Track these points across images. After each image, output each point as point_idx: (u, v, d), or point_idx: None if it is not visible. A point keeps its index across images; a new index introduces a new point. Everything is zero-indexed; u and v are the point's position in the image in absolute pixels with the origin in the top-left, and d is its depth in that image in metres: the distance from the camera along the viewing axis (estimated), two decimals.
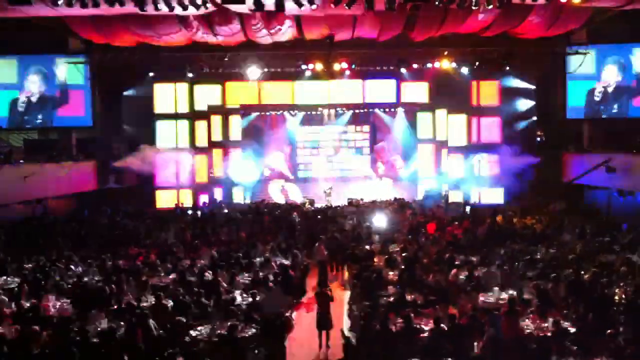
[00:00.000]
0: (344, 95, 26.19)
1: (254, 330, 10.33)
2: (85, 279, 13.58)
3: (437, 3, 16.53)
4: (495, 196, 25.55)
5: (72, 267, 14.66)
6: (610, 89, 23.84)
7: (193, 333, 10.25)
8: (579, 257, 14.57)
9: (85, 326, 10.06)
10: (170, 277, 13.66)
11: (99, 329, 10.09)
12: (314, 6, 17.09)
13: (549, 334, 9.81)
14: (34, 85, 24.35)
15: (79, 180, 23.67)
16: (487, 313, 10.48)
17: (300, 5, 16.87)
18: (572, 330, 9.93)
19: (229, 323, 10.03)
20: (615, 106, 23.87)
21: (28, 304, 11.53)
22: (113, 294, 12.15)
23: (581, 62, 23.66)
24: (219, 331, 10.18)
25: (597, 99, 24.05)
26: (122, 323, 10.30)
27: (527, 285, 12.26)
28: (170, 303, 11.52)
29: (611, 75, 23.81)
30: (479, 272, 13.37)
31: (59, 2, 16.41)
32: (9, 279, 13.85)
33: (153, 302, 11.59)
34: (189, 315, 10.90)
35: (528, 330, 10.09)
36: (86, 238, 18.80)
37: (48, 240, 18.06)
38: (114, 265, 14.78)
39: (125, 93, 25.47)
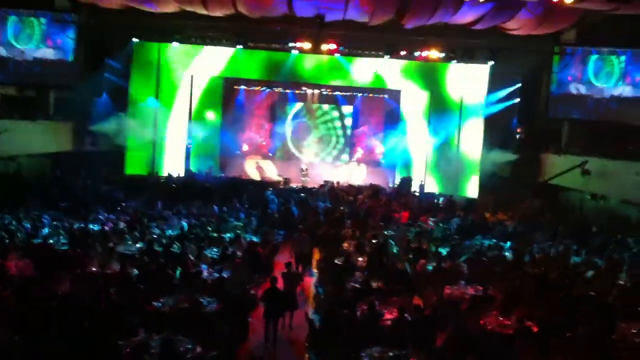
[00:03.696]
0: (330, 75, 25.91)
1: (218, 306, 10.27)
2: (51, 241, 13.42)
3: None
4: (471, 189, 25.61)
5: (39, 228, 14.47)
6: (594, 92, 23.87)
7: (156, 304, 10.16)
8: (548, 257, 14.73)
9: (48, 288, 9.94)
10: (138, 246, 13.56)
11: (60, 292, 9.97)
12: None
13: (511, 332, 9.88)
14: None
15: (54, 140, 23.31)
16: (452, 306, 10.52)
17: None
18: (535, 329, 10.00)
19: (193, 296, 9.98)
20: (598, 109, 23.92)
21: None
22: (78, 259, 12.02)
23: (567, 63, 23.69)
24: (182, 304, 10.10)
25: (580, 100, 24.08)
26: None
27: (493, 281, 12.33)
28: (135, 272, 11.42)
29: (596, 78, 23.84)
30: (446, 264, 13.43)
31: None
32: None
33: (117, 270, 11.48)
34: (154, 285, 10.80)
35: (490, 327, 10.13)
36: (57, 199, 18.55)
37: (18, 199, 17.79)
38: (81, 229, 14.61)
39: (108, 60, 24.98)
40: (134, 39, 24.71)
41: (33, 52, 23.39)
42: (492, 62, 24.82)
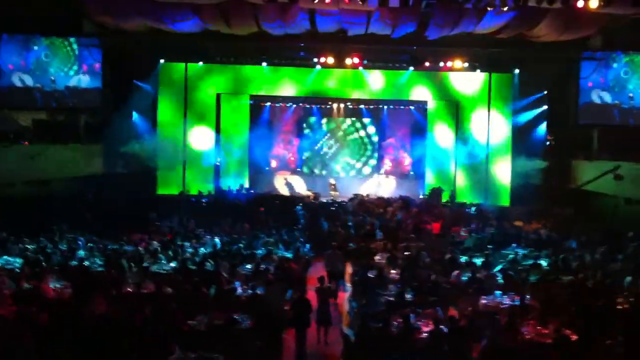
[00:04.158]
0: (355, 89, 26.01)
1: (252, 323, 10.30)
2: (87, 262, 13.59)
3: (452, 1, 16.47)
4: (502, 198, 25.40)
5: (75, 250, 14.67)
6: (623, 97, 23.56)
7: (191, 322, 10.22)
8: (584, 265, 14.52)
9: (84, 310, 10.05)
10: (172, 265, 13.67)
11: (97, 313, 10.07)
12: (327, 0, 17.00)
13: (549, 341, 9.74)
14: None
15: (85, 163, 23.64)
16: (488, 317, 10.41)
17: None
18: (573, 338, 9.84)
19: (227, 314, 10.02)
20: (626, 114, 23.59)
21: (28, 285, 11.52)
22: (114, 280, 12.15)
23: (595, 68, 23.44)
24: (217, 322, 10.15)
25: (609, 105, 23.78)
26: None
27: (529, 290, 12.19)
28: (170, 291, 11.51)
29: (625, 83, 23.53)
30: (481, 274, 13.30)
31: None
32: (10, 259, 13.85)
33: (153, 290, 11.58)
34: (188, 304, 10.87)
35: (528, 337, 10.00)
36: (90, 222, 18.79)
37: (52, 222, 18.05)
38: (116, 250, 14.78)
39: (135, 81, 25.36)
40: (161, 60, 25.06)
41: (62, 79, 23.82)
42: (517, 70, 24.71)
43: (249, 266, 13.73)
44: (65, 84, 23.85)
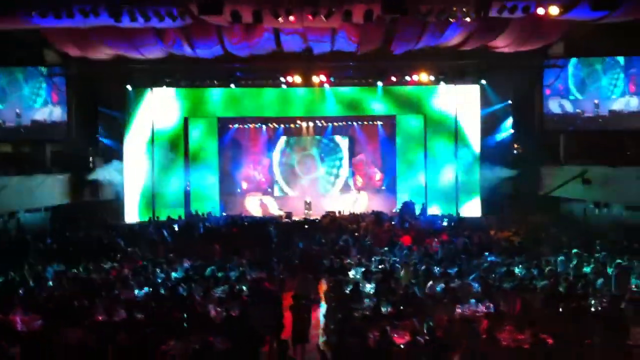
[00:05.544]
0: (322, 106, 26.12)
1: (228, 344, 10.14)
2: (56, 293, 13.30)
3: (415, 15, 16.67)
4: (474, 208, 25.57)
5: (44, 280, 14.37)
6: (586, 103, 23.95)
7: (165, 348, 10.03)
8: (556, 270, 14.64)
9: (57, 341, 9.83)
10: (144, 291, 13.44)
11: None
12: (291, 17, 17.09)
13: (526, 347, 9.75)
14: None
15: (53, 193, 23.31)
16: (464, 325, 10.39)
17: (277, 16, 16.85)
18: (550, 342, 9.86)
19: (202, 338, 9.86)
20: (591, 120, 23.96)
21: None
22: (85, 309, 11.90)
23: (558, 76, 23.83)
24: (193, 345, 9.98)
25: (572, 111, 24.14)
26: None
27: (504, 297, 12.22)
28: (142, 317, 11.30)
29: (586, 89, 23.92)
30: (455, 283, 13.31)
31: (33, 14, 16.25)
32: None
33: (125, 317, 11.36)
34: (162, 329, 10.67)
35: (505, 343, 10.00)
36: (59, 252, 18.45)
37: (20, 254, 17.69)
38: (85, 279, 14.51)
39: (101, 109, 25.14)
40: (127, 86, 24.88)
41: (26, 110, 23.55)
42: (483, 81, 25.04)
43: (222, 288, 13.55)
44: (29, 116, 23.59)
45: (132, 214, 25.47)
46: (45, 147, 24.89)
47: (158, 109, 25.72)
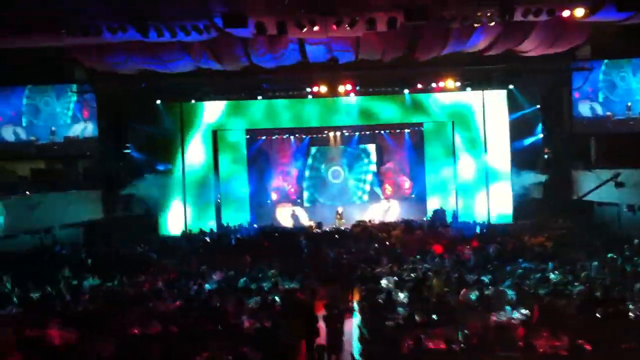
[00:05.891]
0: (349, 116, 26.17)
1: (260, 355, 10.16)
2: (92, 307, 13.48)
3: (438, 21, 16.62)
4: (504, 215, 25.35)
5: (79, 294, 14.57)
6: (616, 105, 23.62)
7: (199, 359, 10.08)
8: (591, 275, 14.41)
9: (92, 354, 9.94)
10: (177, 303, 13.54)
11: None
12: (315, 28, 17.15)
13: (564, 353, 9.61)
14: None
15: (85, 209, 23.66)
16: (500, 333, 10.29)
17: (301, 27, 16.94)
18: (588, 347, 9.71)
19: (236, 348, 9.89)
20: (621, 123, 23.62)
21: (33, 334, 11.40)
22: (119, 322, 12.03)
23: (586, 78, 23.55)
24: (226, 357, 10.02)
25: (602, 114, 23.83)
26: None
27: (539, 303, 12.06)
28: (176, 330, 11.38)
29: (616, 91, 23.60)
30: (489, 291, 13.18)
31: (62, 31, 16.56)
32: (14, 309, 13.73)
33: (159, 330, 11.45)
34: (195, 341, 10.74)
35: (542, 350, 9.86)
36: (93, 266, 18.70)
37: (55, 269, 17.96)
38: (120, 292, 14.68)
39: (131, 123, 25.50)
40: (157, 101, 25.20)
41: (59, 128, 23.96)
42: (511, 86, 24.87)
43: (255, 299, 13.59)
44: (62, 133, 24.01)
45: (165, 228, 25.78)
46: (78, 163, 25.28)
47: (187, 123, 26.07)
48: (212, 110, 26.27)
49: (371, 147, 28.89)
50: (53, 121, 24.09)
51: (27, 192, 20.96)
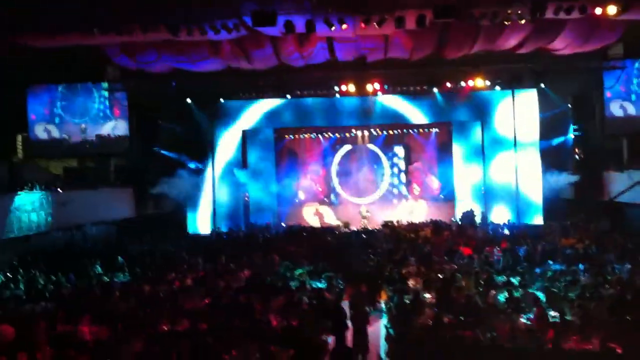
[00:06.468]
0: (377, 114, 26.11)
1: (288, 354, 10.19)
2: (123, 303, 13.63)
3: (468, 19, 16.50)
4: (536, 215, 25.08)
5: (110, 291, 14.76)
6: None
7: (227, 357, 10.15)
8: (622, 277, 14.19)
9: (123, 351, 10.06)
10: (205, 301, 13.65)
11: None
12: (344, 26, 17.15)
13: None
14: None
15: (117, 206, 23.98)
16: (527, 335, 10.19)
17: (330, 25, 16.95)
18: (619, 351, 9.56)
19: (263, 346, 9.94)
20: None
21: (64, 329, 11.58)
22: (149, 318, 12.16)
23: (618, 77, 23.17)
24: (254, 355, 10.06)
25: (635, 113, 23.41)
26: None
27: (569, 306, 11.92)
28: (205, 327, 11.47)
29: None
30: (519, 292, 13.05)
31: (95, 30, 16.79)
32: (47, 304, 13.95)
33: (188, 326, 11.56)
34: (224, 338, 10.81)
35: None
36: (123, 264, 18.92)
37: (88, 267, 18.22)
38: (150, 290, 14.82)
39: (161, 122, 25.76)
40: (187, 100, 25.41)
41: (91, 126, 24.27)
42: (542, 85, 24.58)
43: (282, 297, 13.63)
44: (94, 131, 24.31)
45: (194, 226, 26.01)
46: (110, 161, 25.60)
47: (217, 122, 26.34)
48: (241, 110, 26.40)
49: (399, 147, 28.71)
50: (85, 119, 24.41)
51: (60, 190, 21.27)
